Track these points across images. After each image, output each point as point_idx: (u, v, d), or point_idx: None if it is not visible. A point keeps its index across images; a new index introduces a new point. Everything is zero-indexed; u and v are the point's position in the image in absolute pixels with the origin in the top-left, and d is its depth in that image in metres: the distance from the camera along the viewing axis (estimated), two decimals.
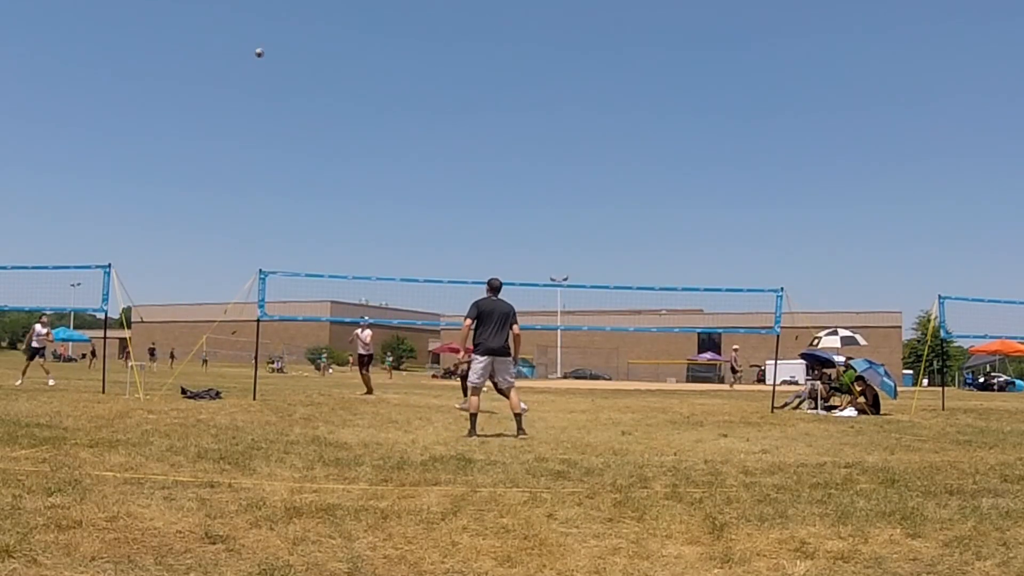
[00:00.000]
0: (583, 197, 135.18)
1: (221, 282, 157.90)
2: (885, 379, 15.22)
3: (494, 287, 9.01)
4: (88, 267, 14.71)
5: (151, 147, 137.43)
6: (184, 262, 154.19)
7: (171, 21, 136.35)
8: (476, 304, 8.77)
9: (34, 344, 18.06)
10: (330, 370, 47.74)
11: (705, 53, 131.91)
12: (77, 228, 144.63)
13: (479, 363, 8.69)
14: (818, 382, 15.52)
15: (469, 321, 8.70)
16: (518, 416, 8.79)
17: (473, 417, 8.73)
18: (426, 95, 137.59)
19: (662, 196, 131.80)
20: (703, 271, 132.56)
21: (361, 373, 18.66)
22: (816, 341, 17.87)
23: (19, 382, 16.69)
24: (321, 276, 16.87)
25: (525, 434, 8.69)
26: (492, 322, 8.67)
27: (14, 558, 3.31)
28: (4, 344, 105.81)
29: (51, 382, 16.86)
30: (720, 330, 56.89)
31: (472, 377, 8.87)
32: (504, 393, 8.93)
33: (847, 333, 18.06)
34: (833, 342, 17.74)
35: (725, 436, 9.72)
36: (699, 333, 66.44)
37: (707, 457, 7.41)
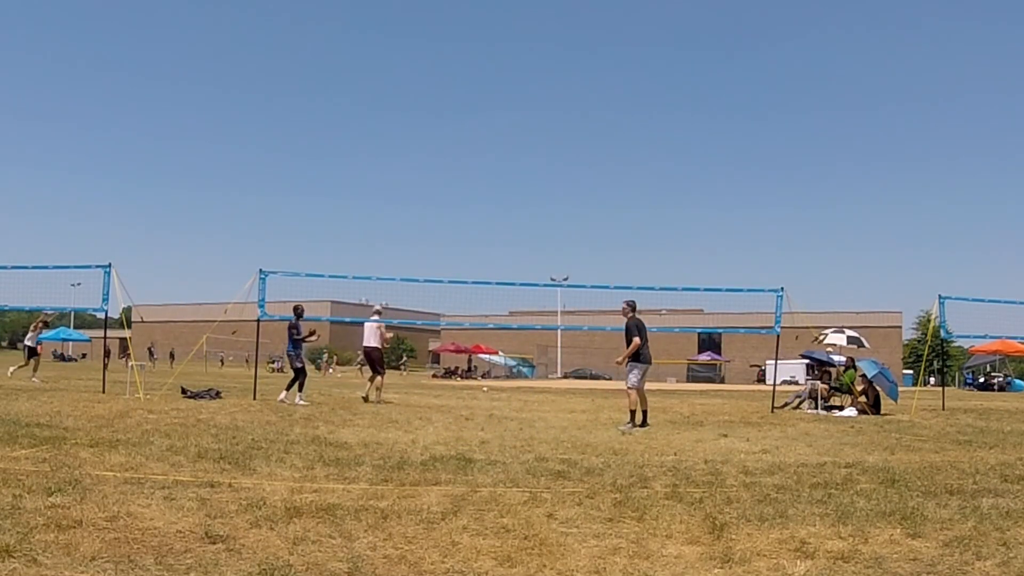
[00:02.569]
0: (583, 197, 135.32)
1: (221, 282, 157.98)
2: (893, 384, 15.24)
3: (634, 307, 10.34)
4: (88, 267, 14.70)
5: (151, 147, 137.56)
6: (184, 262, 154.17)
7: (171, 20, 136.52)
8: (638, 326, 10.07)
9: None
10: (331, 370, 47.63)
11: (706, 53, 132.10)
12: (77, 228, 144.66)
13: (646, 370, 10.28)
14: (818, 382, 15.52)
15: (639, 340, 10.05)
16: (645, 413, 10.30)
17: (633, 413, 10.08)
18: (426, 95, 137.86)
19: (662, 196, 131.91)
20: (703, 271, 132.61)
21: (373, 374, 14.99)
22: (822, 337, 17.86)
23: None
24: (321, 276, 16.94)
25: (648, 425, 10.20)
26: (646, 339, 10.19)
27: (14, 558, 3.31)
28: (4, 344, 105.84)
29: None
30: (720, 330, 56.89)
31: (636, 382, 10.30)
32: (642, 392, 10.46)
33: (853, 333, 18.06)
34: (839, 339, 17.74)
35: (725, 436, 9.72)
36: (699, 333, 66.45)
37: (707, 457, 7.42)
